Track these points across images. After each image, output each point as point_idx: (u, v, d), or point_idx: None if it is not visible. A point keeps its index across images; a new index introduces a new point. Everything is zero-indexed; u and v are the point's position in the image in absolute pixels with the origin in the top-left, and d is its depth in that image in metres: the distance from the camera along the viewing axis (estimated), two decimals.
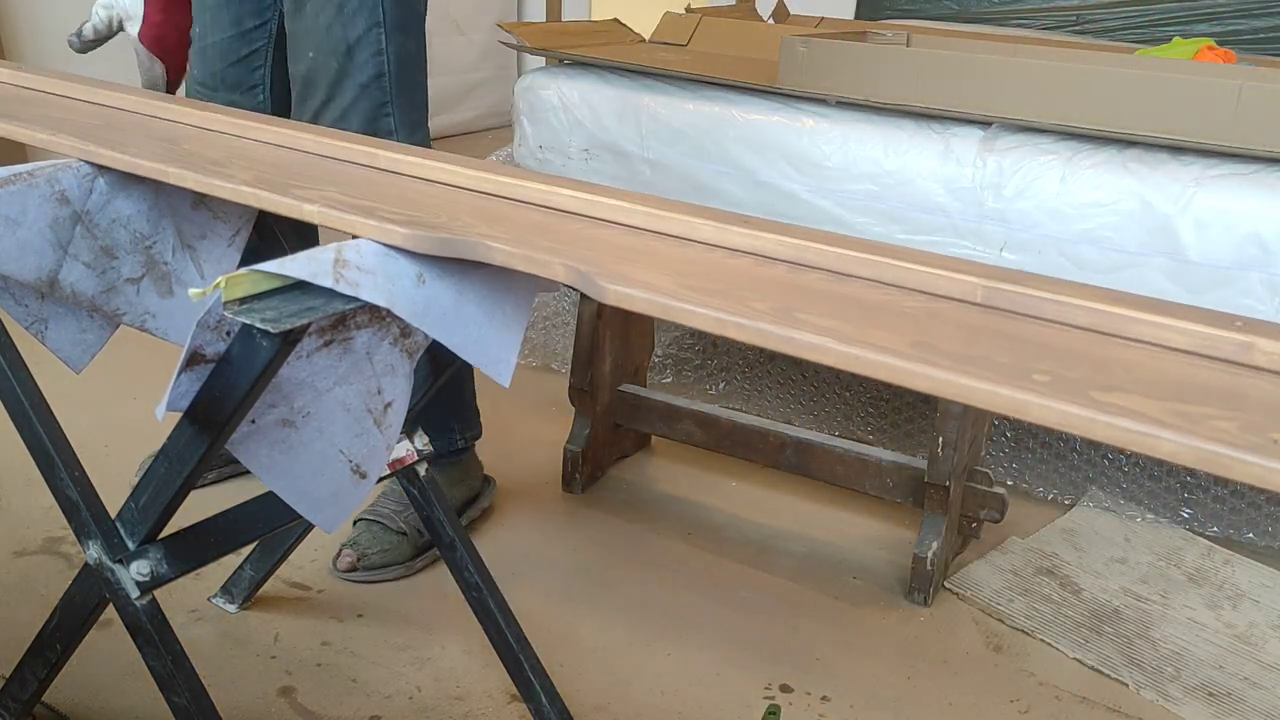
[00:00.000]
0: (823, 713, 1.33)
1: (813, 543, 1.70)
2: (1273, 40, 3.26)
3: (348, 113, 1.39)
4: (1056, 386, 0.56)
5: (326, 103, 1.40)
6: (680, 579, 1.58)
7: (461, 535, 1.19)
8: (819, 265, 0.77)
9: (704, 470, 1.89)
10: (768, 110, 1.89)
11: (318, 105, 1.41)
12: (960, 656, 1.45)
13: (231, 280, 0.72)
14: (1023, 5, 3.60)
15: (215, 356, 0.81)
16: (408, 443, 1.16)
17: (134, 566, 0.90)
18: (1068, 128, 1.69)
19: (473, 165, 0.96)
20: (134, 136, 1.03)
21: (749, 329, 0.64)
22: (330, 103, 1.40)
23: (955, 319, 0.68)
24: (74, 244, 0.96)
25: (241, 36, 1.49)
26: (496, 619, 1.19)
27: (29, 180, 0.92)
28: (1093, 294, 0.70)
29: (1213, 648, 1.50)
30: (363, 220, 0.80)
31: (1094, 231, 1.65)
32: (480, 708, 1.30)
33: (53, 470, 0.92)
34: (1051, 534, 1.75)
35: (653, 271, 0.73)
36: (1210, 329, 0.65)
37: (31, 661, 1.02)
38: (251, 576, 1.41)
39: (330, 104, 1.40)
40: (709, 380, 2.19)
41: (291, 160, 0.99)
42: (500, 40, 2.35)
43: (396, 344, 0.98)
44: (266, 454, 0.91)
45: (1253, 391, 0.57)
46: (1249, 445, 0.50)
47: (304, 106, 1.42)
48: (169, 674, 0.91)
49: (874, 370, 0.60)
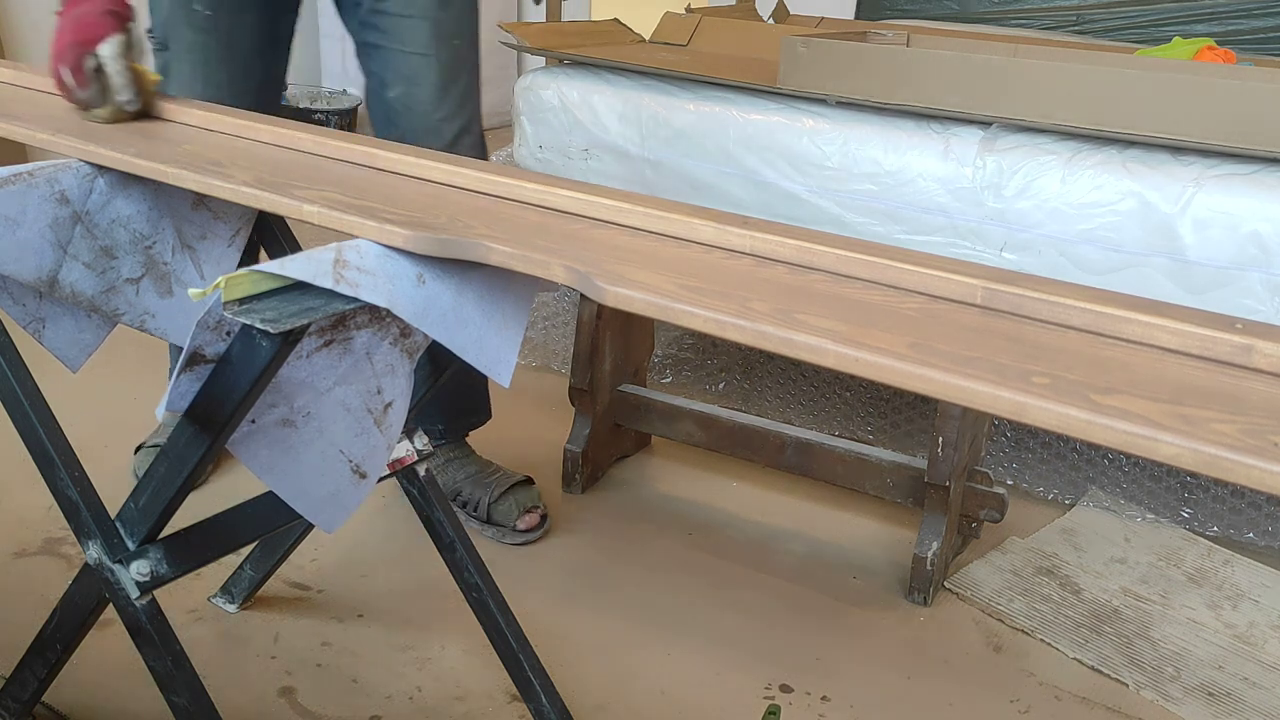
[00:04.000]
0: (823, 713, 1.33)
1: (813, 543, 1.70)
2: (1273, 40, 3.26)
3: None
4: (1056, 389, 0.56)
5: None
6: (680, 579, 1.58)
7: (462, 535, 1.19)
8: (818, 266, 0.77)
9: (704, 470, 1.89)
10: (768, 110, 1.89)
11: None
12: (960, 656, 1.45)
13: (231, 280, 0.72)
14: (1023, 5, 3.60)
15: (215, 357, 0.81)
16: (408, 443, 1.16)
17: (134, 566, 0.90)
18: (1068, 128, 1.69)
19: (473, 165, 0.96)
20: (134, 136, 1.03)
21: (748, 330, 0.64)
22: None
23: (955, 320, 0.68)
24: (74, 244, 0.96)
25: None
26: (496, 619, 1.19)
27: (29, 180, 0.92)
28: (1092, 296, 0.70)
29: (1213, 648, 1.49)
30: (363, 221, 0.80)
31: (1094, 231, 1.65)
32: (480, 708, 1.30)
33: (53, 470, 0.91)
34: (1051, 534, 1.75)
35: (652, 272, 0.73)
36: (1210, 331, 0.65)
37: (31, 661, 1.02)
38: (251, 576, 1.41)
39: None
40: (709, 380, 2.19)
41: (291, 160, 0.99)
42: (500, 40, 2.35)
43: (396, 344, 0.98)
44: (266, 454, 0.91)
45: (1253, 394, 0.57)
46: (1250, 448, 0.50)
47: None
48: (169, 674, 0.91)
49: (873, 372, 0.60)
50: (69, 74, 1.09)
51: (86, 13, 1.10)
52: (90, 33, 1.08)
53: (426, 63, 1.51)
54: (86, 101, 1.09)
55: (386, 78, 1.52)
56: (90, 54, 1.08)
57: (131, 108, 1.10)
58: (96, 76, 1.08)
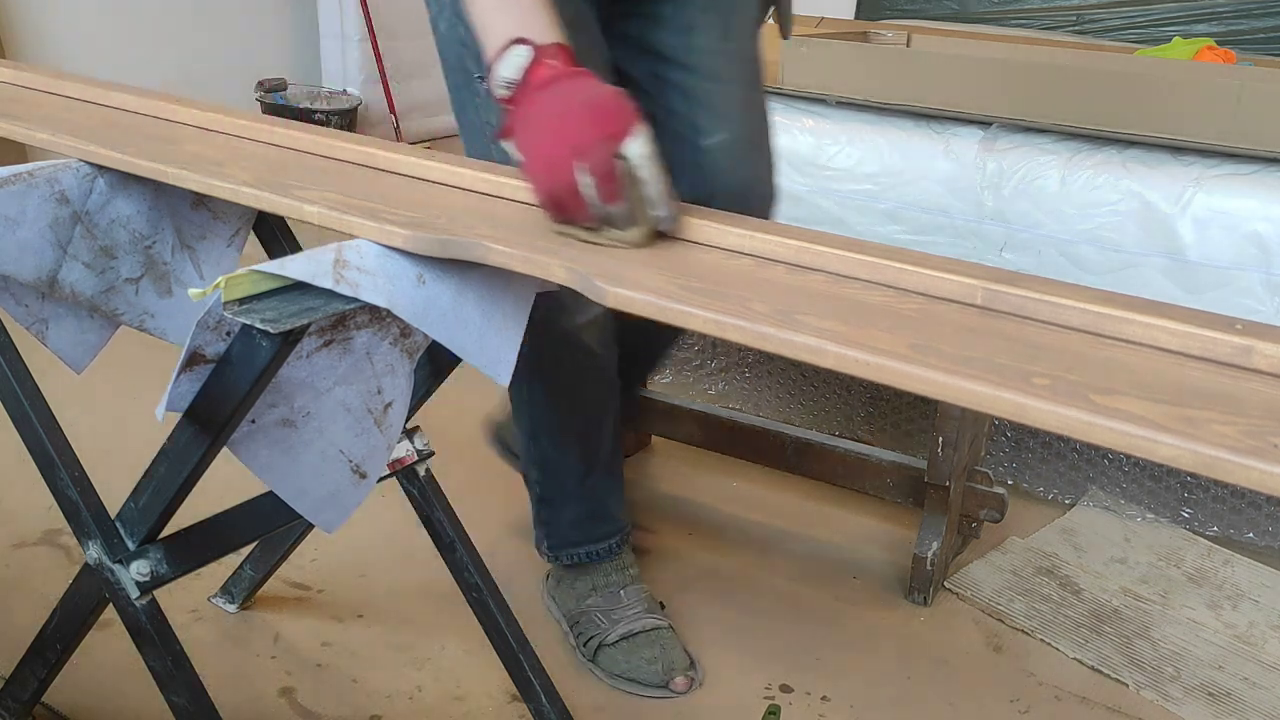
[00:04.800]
0: (823, 713, 1.33)
1: (813, 543, 1.70)
2: (1273, 40, 3.26)
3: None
4: (1056, 389, 0.56)
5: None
6: (680, 579, 1.58)
7: (462, 536, 1.19)
8: (818, 267, 0.77)
9: (704, 470, 1.89)
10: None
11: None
12: (960, 656, 1.45)
13: (231, 280, 0.72)
14: (1023, 5, 3.60)
15: (215, 357, 0.81)
16: (408, 442, 1.16)
17: (134, 566, 0.90)
18: (1068, 128, 1.69)
19: (473, 165, 0.96)
20: (134, 136, 1.03)
21: (748, 331, 0.64)
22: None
23: (955, 321, 0.68)
24: (74, 244, 0.96)
25: None
26: (496, 619, 1.19)
27: (29, 180, 0.92)
28: (1092, 296, 0.70)
29: (1213, 648, 1.49)
30: (363, 221, 0.79)
31: (1094, 231, 1.65)
32: (480, 708, 1.30)
33: (53, 470, 0.91)
34: (1051, 534, 1.75)
35: (652, 272, 0.73)
36: (1210, 331, 0.65)
37: (31, 661, 1.02)
38: (251, 576, 1.41)
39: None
40: (709, 380, 2.19)
41: (291, 160, 0.99)
42: None
43: (396, 344, 0.98)
44: (266, 454, 0.91)
45: (1253, 395, 0.57)
46: (1250, 449, 0.50)
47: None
48: (169, 674, 0.91)
49: (873, 373, 0.59)
50: (593, 183, 0.77)
51: (599, 95, 0.81)
52: (616, 123, 0.79)
53: (749, 102, 1.26)
54: (612, 219, 0.79)
55: (701, 121, 1.22)
56: (619, 154, 0.78)
57: (669, 225, 0.81)
58: (628, 185, 0.78)
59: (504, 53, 0.83)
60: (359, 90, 3.87)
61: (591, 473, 1.37)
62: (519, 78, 0.82)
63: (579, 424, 1.34)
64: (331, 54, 3.93)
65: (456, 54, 1.15)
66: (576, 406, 1.33)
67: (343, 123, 3.69)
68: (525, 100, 0.82)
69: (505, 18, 0.85)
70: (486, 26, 0.86)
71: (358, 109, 3.80)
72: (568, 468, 1.37)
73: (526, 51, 0.82)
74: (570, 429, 1.35)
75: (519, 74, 0.82)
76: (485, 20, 0.87)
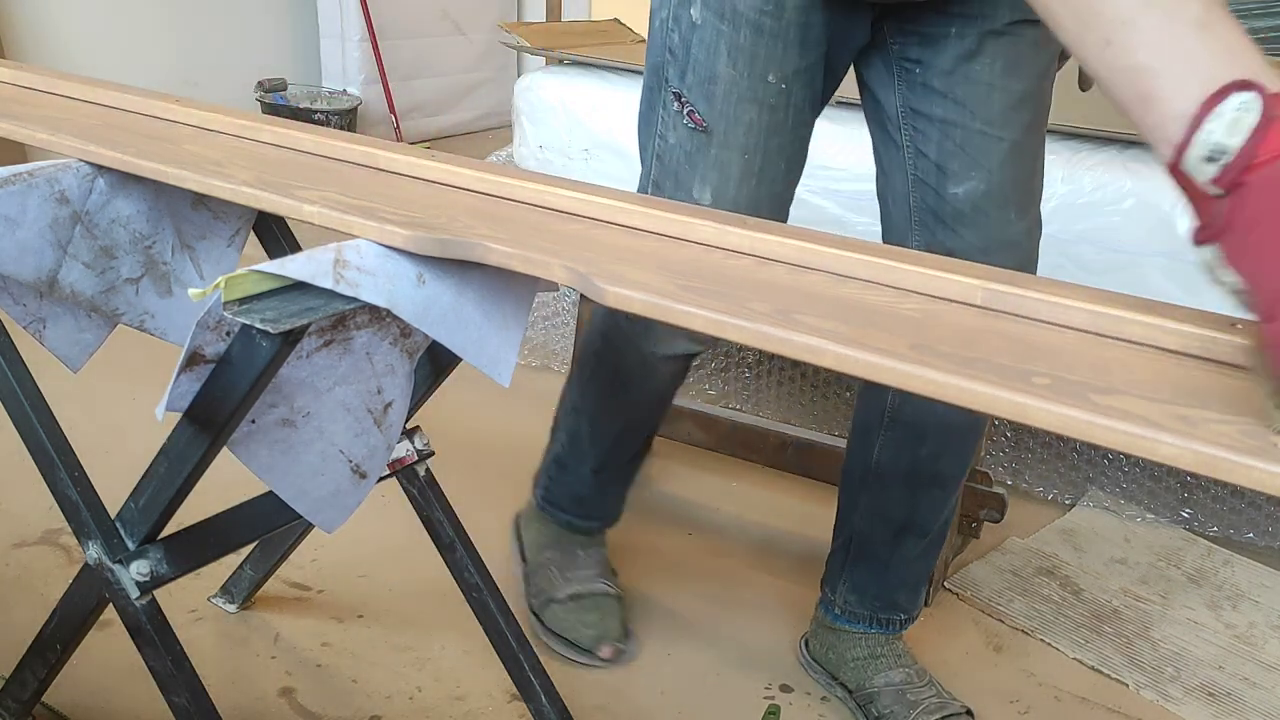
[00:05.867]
0: (822, 713, 1.33)
1: (813, 543, 1.70)
2: (1273, 40, 3.26)
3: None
4: (1056, 389, 0.56)
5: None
6: (680, 579, 1.58)
7: (462, 536, 1.19)
8: (818, 267, 0.77)
9: (704, 470, 1.89)
10: None
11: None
12: (960, 656, 1.45)
13: (231, 280, 0.72)
14: None
15: (215, 357, 0.81)
16: (408, 442, 1.16)
17: (134, 566, 0.90)
18: (1068, 128, 1.69)
19: (472, 165, 0.96)
20: (134, 136, 1.03)
21: (748, 331, 0.64)
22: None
23: (954, 321, 0.68)
24: (74, 244, 0.96)
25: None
26: (496, 619, 1.19)
27: (29, 180, 0.92)
28: (1092, 296, 0.70)
29: (1213, 648, 1.49)
30: (363, 221, 0.79)
31: (1094, 231, 1.65)
32: (480, 708, 1.30)
33: (53, 470, 0.91)
34: (1051, 534, 1.75)
35: (652, 272, 0.73)
36: (1210, 331, 0.65)
37: (31, 661, 1.02)
38: (251, 576, 1.41)
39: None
40: (709, 380, 2.19)
41: (291, 160, 0.99)
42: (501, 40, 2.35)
43: (396, 344, 0.98)
44: (266, 454, 0.91)
45: (1253, 395, 0.57)
46: (1249, 449, 0.50)
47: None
48: (169, 674, 0.91)
49: (873, 372, 0.59)
50: None
51: None
52: None
53: (1018, 149, 1.10)
54: None
55: (952, 165, 1.09)
56: None
57: None
58: None
59: (1216, 103, 0.54)
60: (359, 90, 3.87)
61: (607, 469, 1.43)
62: (1243, 144, 0.54)
63: (618, 427, 1.40)
64: (331, 54, 3.93)
65: (659, 56, 1.13)
66: (623, 415, 1.39)
67: (343, 123, 3.69)
68: (1258, 187, 0.53)
69: (1199, 45, 0.57)
70: (1166, 55, 0.56)
71: (358, 109, 3.80)
72: (591, 455, 1.42)
73: (1254, 103, 0.54)
74: (609, 430, 1.40)
75: (1244, 138, 0.54)
76: (1153, 43, 0.56)
